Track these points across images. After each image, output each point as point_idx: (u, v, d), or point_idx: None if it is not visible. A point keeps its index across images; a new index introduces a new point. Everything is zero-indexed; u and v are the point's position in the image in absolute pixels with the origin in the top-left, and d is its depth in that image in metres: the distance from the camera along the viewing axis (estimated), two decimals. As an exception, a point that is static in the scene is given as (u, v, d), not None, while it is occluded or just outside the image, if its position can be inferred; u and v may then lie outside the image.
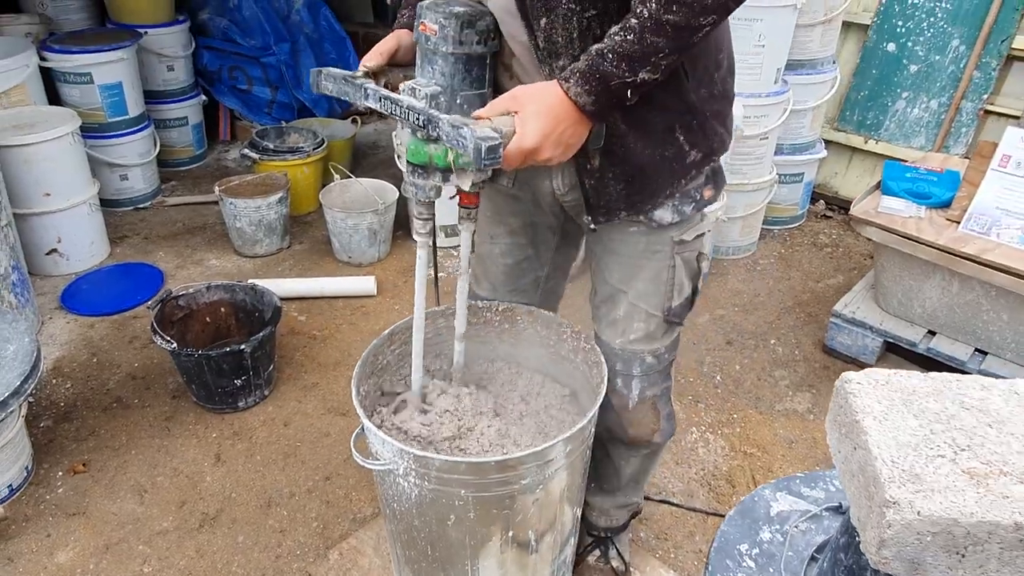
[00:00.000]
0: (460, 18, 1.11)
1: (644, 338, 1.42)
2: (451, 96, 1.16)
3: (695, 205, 1.32)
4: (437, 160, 1.14)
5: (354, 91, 1.19)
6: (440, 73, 1.14)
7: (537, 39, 1.10)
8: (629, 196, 1.26)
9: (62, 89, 3.27)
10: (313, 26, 4.21)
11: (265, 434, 2.27)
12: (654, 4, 0.99)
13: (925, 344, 2.40)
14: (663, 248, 1.35)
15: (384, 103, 1.14)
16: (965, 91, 3.22)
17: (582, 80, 1.04)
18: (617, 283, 1.40)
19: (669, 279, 1.37)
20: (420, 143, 1.14)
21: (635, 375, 1.45)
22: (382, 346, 1.57)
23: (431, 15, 1.11)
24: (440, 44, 1.11)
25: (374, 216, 3.04)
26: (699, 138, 1.24)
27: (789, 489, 1.20)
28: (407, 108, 1.10)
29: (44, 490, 2.06)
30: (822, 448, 2.26)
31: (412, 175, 1.19)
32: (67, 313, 2.79)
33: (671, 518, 2.01)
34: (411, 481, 1.35)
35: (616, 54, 1.02)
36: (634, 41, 1.01)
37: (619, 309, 1.42)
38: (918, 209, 2.35)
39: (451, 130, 1.05)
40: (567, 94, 1.06)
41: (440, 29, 1.10)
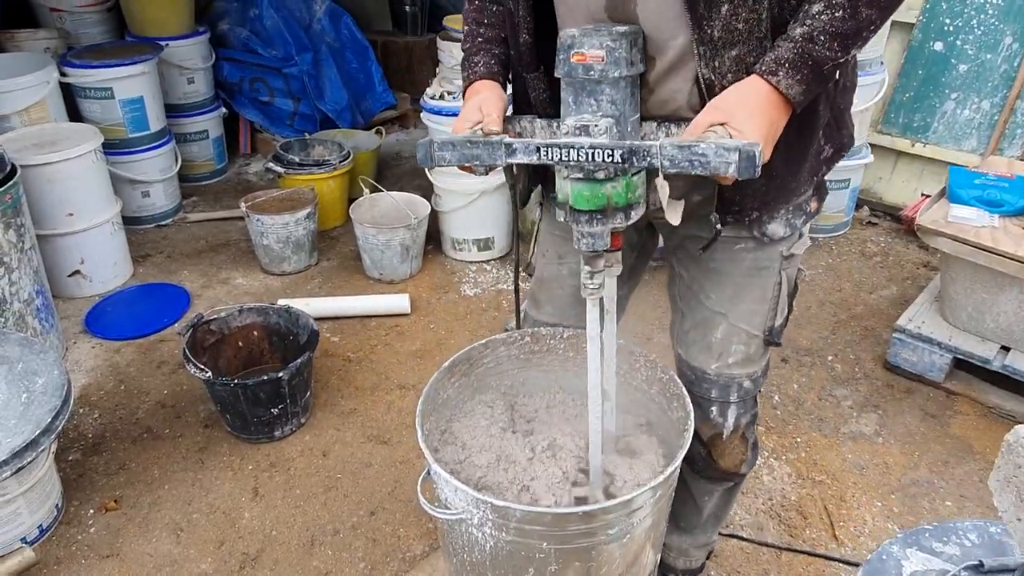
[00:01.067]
0: (628, 37, 1.01)
1: (743, 361, 1.32)
2: (623, 124, 1.04)
3: (805, 217, 1.23)
4: (617, 199, 1.01)
5: (490, 152, 1.03)
6: (609, 102, 1.02)
7: (710, 31, 0.99)
8: (766, 195, 1.15)
9: (83, 105, 3.18)
10: (335, 35, 4.11)
11: (303, 465, 2.16)
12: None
13: (1000, 361, 2.26)
14: (771, 264, 1.25)
15: (549, 153, 0.99)
16: (1020, 91, 3.08)
17: (792, 70, 0.96)
18: (716, 305, 1.29)
19: (775, 297, 1.27)
20: (595, 185, 1.00)
21: (732, 401, 1.35)
22: (443, 380, 1.45)
23: (592, 40, 1.00)
24: (610, 69, 1.00)
25: (406, 231, 2.93)
26: (833, 132, 1.17)
27: (919, 545, 1.07)
28: (589, 149, 0.95)
29: (75, 530, 1.95)
30: (895, 474, 2.12)
31: (588, 224, 1.02)
32: (92, 337, 2.69)
33: (742, 555, 1.88)
34: (486, 532, 1.23)
35: (828, 35, 0.94)
36: (846, 17, 0.94)
37: (716, 332, 1.31)
38: (991, 218, 2.22)
39: (679, 152, 0.91)
40: (777, 88, 0.97)
41: (609, 53, 1.00)
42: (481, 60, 1.22)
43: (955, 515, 2.00)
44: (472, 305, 2.91)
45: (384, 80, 4.32)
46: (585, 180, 1.00)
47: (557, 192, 1.06)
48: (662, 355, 1.43)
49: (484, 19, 1.25)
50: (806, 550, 1.89)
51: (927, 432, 2.27)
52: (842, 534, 1.94)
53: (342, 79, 4.08)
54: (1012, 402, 2.32)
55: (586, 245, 1.05)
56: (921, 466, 2.15)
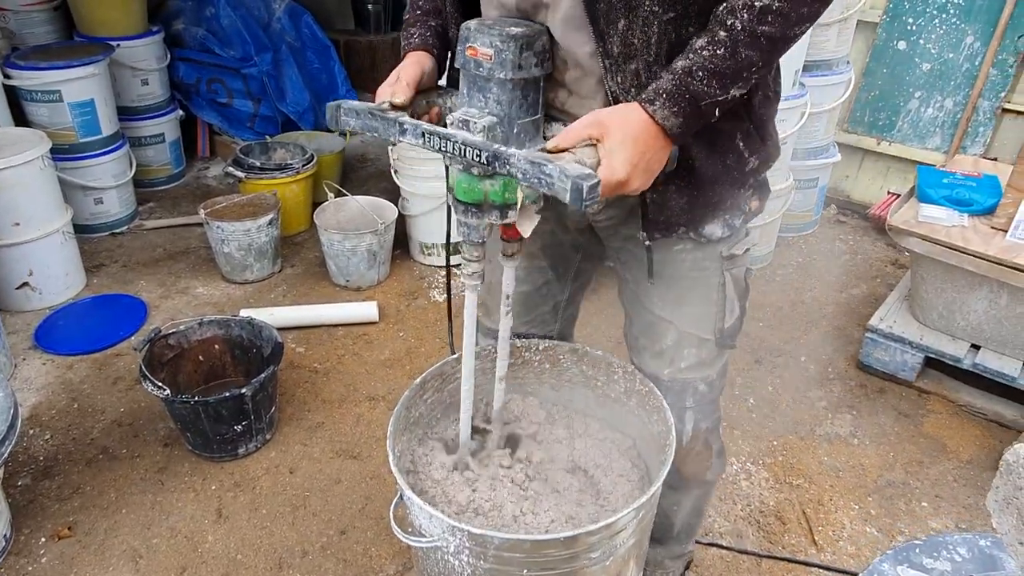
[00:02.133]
0: (519, 40, 0.99)
1: (696, 365, 1.31)
2: (508, 125, 1.03)
3: (744, 217, 1.23)
4: (494, 197, 1.03)
5: (385, 127, 1.05)
6: (495, 101, 1.02)
7: (609, 44, 0.99)
8: (691, 210, 1.15)
9: (29, 108, 3.02)
10: (295, 34, 3.99)
11: (270, 484, 2.07)
12: (746, 15, 0.92)
13: (970, 359, 2.27)
14: (711, 264, 1.24)
15: (430, 139, 1.01)
16: (981, 89, 3.12)
17: (669, 102, 0.95)
18: (661, 310, 1.28)
19: (720, 298, 1.26)
20: (473, 180, 1.02)
21: (688, 407, 1.34)
22: (414, 397, 1.39)
23: (484, 38, 0.98)
24: (496, 70, 0.99)
25: (373, 237, 2.85)
26: (757, 144, 1.15)
27: (910, 561, 1.04)
28: (463, 144, 0.97)
29: (26, 560, 1.84)
30: (871, 476, 2.12)
31: (464, 215, 1.06)
32: (42, 353, 2.56)
33: (722, 563, 1.85)
34: (463, 559, 1.17)
35: (706, 71, 0.94)
36: (726, 56, 0.93)
37: (666, 337, 1.30)
38: (960, 217, 2.22)
39: (530, 168, 0.91)
40: (653, 118, 0.96)
41: (496, 54, 0.98)
42: (417, 31, 1.21)
43: (931, 516, 2.00)
44: (442, 311, 2.84)
45: (347, 80, 4.22)
46: (464, 172, 1.02)
47: (447, 178, 1.09)
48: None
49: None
50: (786, 557, 1.87)
51: (901, 432, 2.27)
52: (821, 539, 1.93)
53: (304, 79, 3.98)
54: (983, 400, 2.33)
55: (462, 234, 1.09)
56: (896, 467, 2.15)
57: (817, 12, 0.94)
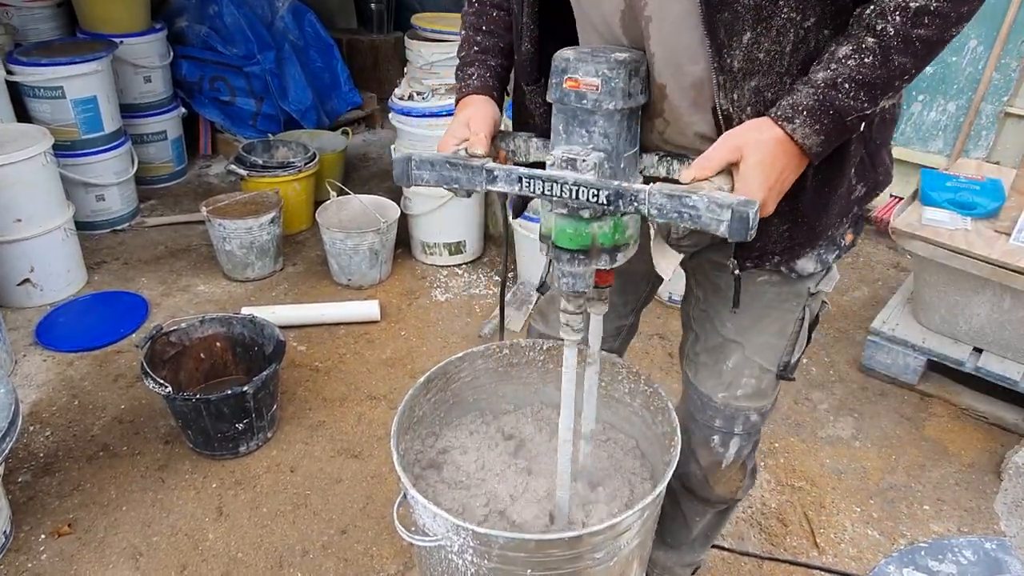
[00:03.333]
0: (628, 66, 0.91)
1: (753, 395, 1.24)
2: (615, 160, 0.95)
3: (838, 252, 1.14)
4: (603, 240, 0.94)
5: (470, 176, 0.95)
6: (601, 135, 0.93)
7: (728, 59, 0.90)
8: (791, 238, 1.06)
9: (31, 105, 3.02)
10: (298, 33, 3.99)
11: (270, 482, 2.07)
12: (899, 18, 0.84)
13: (973, 362, 2.27)
14: (796, 300, 1.17)
15: (531, 184, 0.91)
16: (984, 93, 3.12)
17: (811, 119, 0.87)
18: (731, 334, 1.21)
19: (795, 332, 1.19)
20: (581, 224, 0.92)
21: (736, 433, 1.28)
22: (418, 396, 1.39)
23: (587, 67, 0.90)
24: (604, 100, 0.91)
25: (375, 236, 2.85)
26: (867, 170, 1.07)
27: (916, 564, 1.04)
28: (573, 186, 0.88)
29: (25, 557, 1.83)
30: (873, 479, 2.11)
31: (570, 263, 0.95)
32: (43, 349, 2.55)
33: (724, 565, 1.85)
34: (467, 559, 1.16)
35: (854, 83, 0.85)
36: (876, 65, 0.85)
37: (729, 360, 1.23)
38: (964, 220, 2.22)
39: (669, 202, 0.84)
40: (792, 137, 0.88)
41: (604, 82, 0.90)
42: (476, 72, 1.13)
43: (933, 519, 1.99)
44: (444, 311, 2.84)
45: (350, 79, 4.22)
46: (569, 217, 0.92)
47: (541, 224, 0.98)
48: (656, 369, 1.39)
49: (483, 25, 1.16)
50: (787, 559, 1.87)
51: (903, 435, 2.27)
52: (823, 541, 1.92)
53: (306, 78, 3.97)
54: (985, 404, 2.33)
55: (566, 285, 0.98)
56: (898, 469, 2.15)
57: (975, 9, 0.85)
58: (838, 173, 1.02)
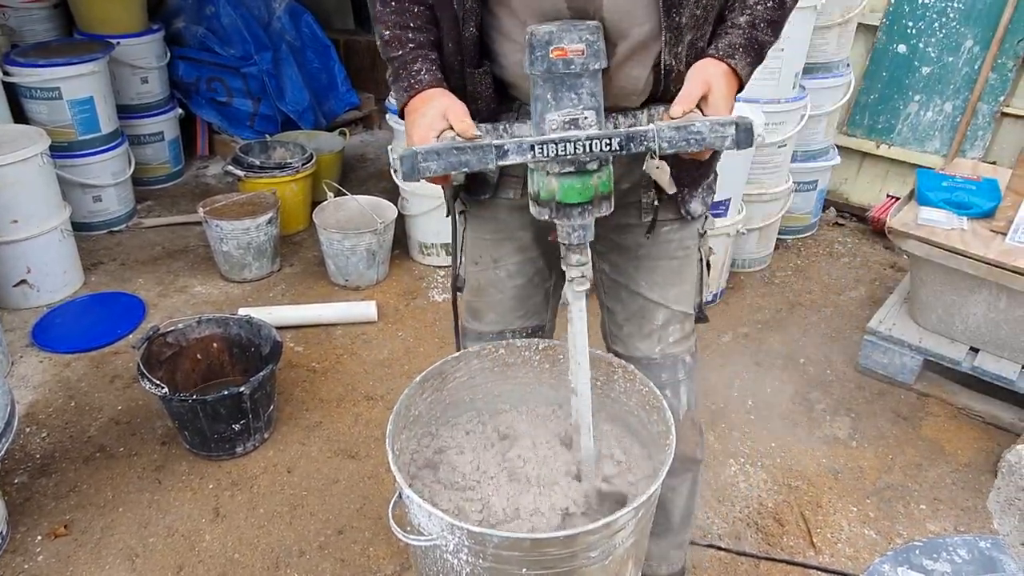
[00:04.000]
0: (599, 31, 1.03)
1: (681, 339, 1.39)
2: (600, 115, 1.05)
3: (711, 196, 1.31)
4: (603, 188, 1.04)
5: (480, 156, 1.00)
6: (589, 94, 1.02)
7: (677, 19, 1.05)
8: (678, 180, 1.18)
9: (28, 106, 3.02)
10: (295, 33, 3.99)
11: (267, 483, 2.07)
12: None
13: (969, 362, 2.27)
14: (692, 243, 1.32)
15: (545, 149, 0.98)
16: (981, 93, 3.13)
17: (744, 54, 1.07)
18: (650, 293, 1.33)
19: (699, 274, 1.35)
20: (585, 177, 1.02)
21: (681, 379, 1.40)
22: (414, 396, 1.39)
23: (572, 35, 1.00)
24: (591, 62, 1.01)
25: (372, 236, 2.85)
26: None
27: (910, 563, 1.04)
28: (586, 141, 0.98)
29: (22, 558, 1.83)
30: (870, 478, 2.11)
31: (579, 216, 1.04)
32: (40, 351, 2.55)
33: (720, 565, 1.85)
34: (463, 558, 1.17)
35: (765, 21, 1.08)
36: (776, 6, 1.08)
37: (656, 318, 1.35)
38: (960, 220, 2.23)
39: (676, 133, 0.97)
40: (735, 69, 1.06)
41: (588, 46, 1.01)
42: (423, 67, 1.14)
43: (929, 518, 2.00)
44: (441, 311, 2.84)
45: (347, 80, 4.22)
46: (577, 173, 1.01)
47: (538, 191, 1.06)
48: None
49: (409, 22, 1.17)
50: (784, 559, 1.87)
51: (899, 435, 2.27)
52: (819, 541, 1.92)
53: (303, 79, 3.97)
54: (981, 403, 2.33)
55: (578, 238, 1.07)
56: (895, 469, 2.15)
57: None
58: None
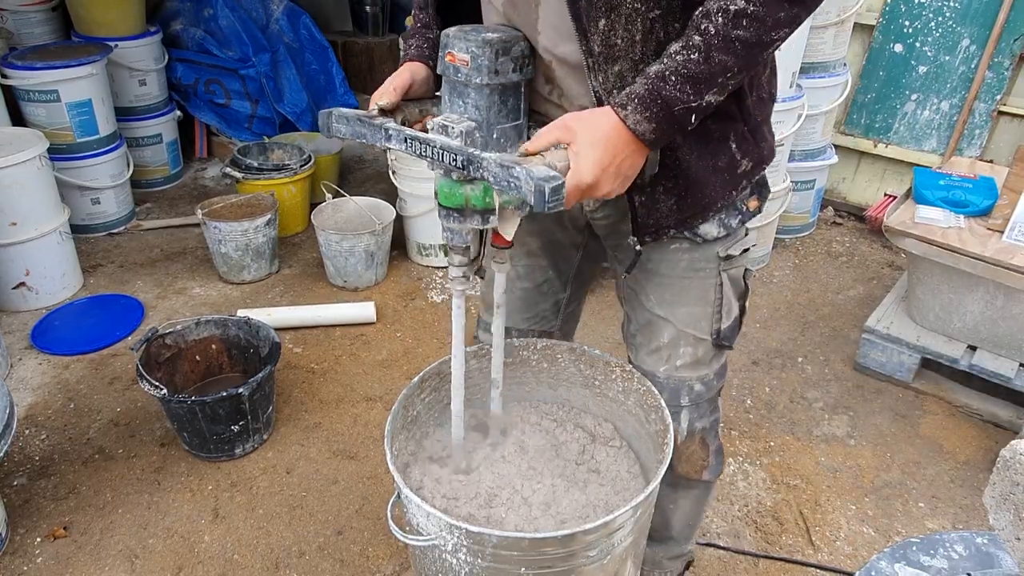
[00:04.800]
0: (494, 45, 1.00)
1: (692, 364, 1.31)
2: (487, 130, 1.05)
3: (740, 218, 1.21)
4: (475, 202, 1.02)
5: (372, 133, 1.06)
6: (474, 107, 1.03)
7: (592, 44, 0.98)
8: (680, 211, 1.15)
9: (26, 108, 3.02)
10: (293, 35, 3.99)
11: (266, 484, 2.07)
12: (721, 19, 0.90)
13: (967, 360, 2.27)
14: (708, 265, 1.24)
15: (411, 144, 1.01)
16: (977, 92, 3.13)
17: (641, 107, 0.94)
18: (657, 308, 1.28)
19: (717, 299, 1.26)
20: (455, 184, 1.01)
21: (683, 405, 1.34)
22: (412, 396, 1.39)
23: (461, 44, 1.00)
24: (473, 75, 1.00)
25: (371, 237, 2.85)
26: (750, 146, 1.15)
27: (907, 559, 1.04)
28: (440, 149, 0.98)
29: (21, 560, 1.83)
30: (868, 477, 2.12)
31: (447, 219, 1.05)
32: (39, 353, 2.55)
33: (719, 563, 1.85)
34: (461, 558, 1.17)
35: (680, 76, 0.92)
36: (699, 61, 0.91)
37: (662, 335, 1.30)
38: (957, 219, 2.23)
39: (500, 171, 0.92)
40: (624, 122, 0.95)
41: (472, 59, 0.99)
42: (414, 43, 1.22)
43: (928, 516, 2.00)
44: (440, 312, 2.84)
45: (345, 82, 4.22)
46: (445, 177, 1.01)
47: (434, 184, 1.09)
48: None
49: (422, 2, 1.24)
50: (783, 557, 1.87)
51: (898, 433, 2.28)
52: (818, 539, 1.93)
53: (301, 81, 3.98)
54: (979, 401, 2.34)
55: (447, 238, 1.09)
56: (893, 467, 2.15)
57: (796, 17, 0.92)
58: (718, 150, 1.09)
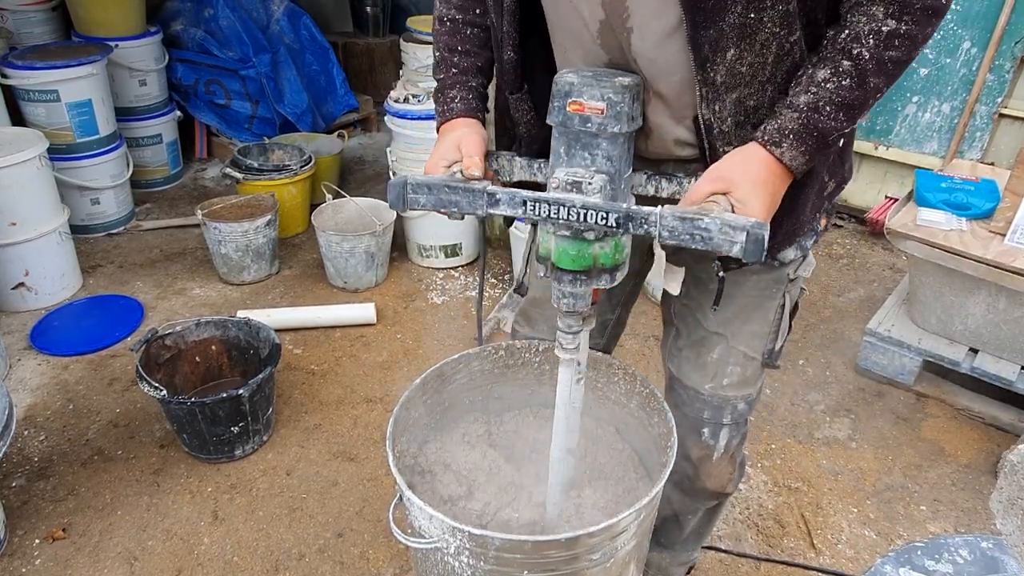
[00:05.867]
0: (631, 91, 0.93)
1: (739, 383, 1.26)
2: (617, 182, 0.97)
3: (815, 238, 1.18)
4: (604, 260, 0.95)
5: (470, 200, 0.96)
6: (605, 158, 0.95)
7: (711, 74, 0.93)
8: (772, 238, 1.08)
9: (26, 108, 3.01)
10: (294, 36, 3.99)
11: (266, 485, 2.06)
12: (873, 41, 0.88)
13: (969, 363, 2.27)
14: (777, 287, 1.19)
15: (536, 208, 0.91)
16: (979, 95, 3.13)
17: (797, 142, 0.92)
18: (715, 326, 1.23)
19: (777, 319, 1.21)
20: (584, 245, 0.94)
21: (725, 423, 1.30)
22: (414, 398, 1.38)
23: (594, 91, 0.92)
24: (610, 124, 0.93)
25: (371, 238, 2.84)
26: (836, 167, 1.12)
27: (912, 563, 1.04)
28: (581, 209, 0.89)
29: (20, 562, 1.82)
30: (870, 479, 2.11)
31: (571, 284, 0.97)
32: (38, 353, 2.54)
33: (721, 567, 1.85)
34: (463, 561, 1.16)
35: (834, 105, 0.90)
36: (853, 87, 0.89)
37: (713, 352, 1.25)
38: (959, 221, 2.23)
39: (681, 224, 0.85)
40: (780, 160, 0.93)
41: (610, 107, 0.92)
42: (458, 95, 1.13)
43: (930, 519, 1.99)
44: (440, 313, 2.84)
45: (346, 82, 4.22)
46: (572, 239, 0.93)
47: (539, 245, 0.99)
48: (638, 361, 1.38)
49: (458, 45, 1.16)
50: (785, 560, 1.87)
51: (899, 436, 2.27)
52: (820, 542, 1.92)
53: (302, 81, 3.97)
54: (981, 404, 2.33)
55: (566, 305, 0.99)
56: (895, 470, 2.15)
57: (937, 28, 0.91)
58: (812, 175, 1.05)
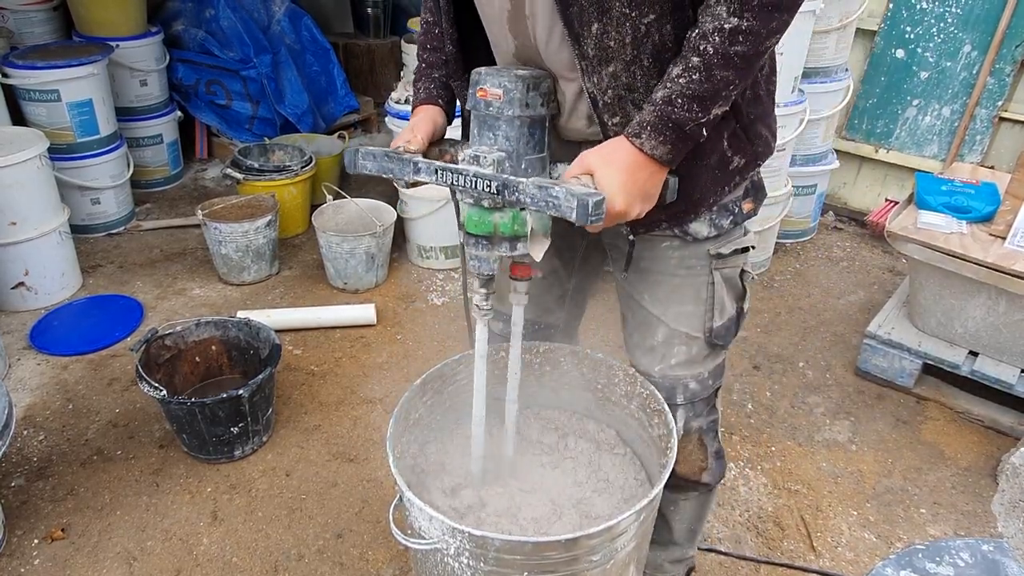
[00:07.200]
0: (525, 80, 1.08)
1: (686, 362, 1.32)
2: (516, 161, 1.10)
3: (733, 219, 1.22)
4: (503, 229, 1.07)
5: (401, 167, 1.12)
6: (504, 138, 1.09)
7: (585, 48, 1.03)
8: (673, 205, 1.15)
9: (27, 108, 3.01)
10: (295, 37, 3.99)
11: (266, 486, 2.06)
12: (718, 38, 0.95)
13: (968, 366, 2.27)
14: (699, 263, 1.25)
15: (443, 175, 1.08)
16: (979, 98, 3.14)
17: (655, 133, 1.00)
18: (651, 306, 1.30)
19: (709, 297, 1.27)
20: (484, 212, 1.07)
21: (679, 403, 1.34)
22: (414, 398, 1.38)
23: (493, 80, 1.07)
24: (505, 108, 1.07)
25: (372, 239, 2.84)
26: (743, 143, 1.16)
27: (913, 566, 1.04)
28: (474, 177, 1.04)
29: (18, 562, 1.82)
30: (870, 482, 2.11)
31: (475, 247, 1.10)
32: (37, 353, 2.54)
33: (721, 569, 1.85)
34: (463, 562, 1.16)
35: (685, 97, 0.98)
36: (701, 80, 0.97)
37: (657, 334, 1.31)
38: (959, 224, 2.23)
39: (538, 192, 0.98)
40: (641, 150, 1.01)
41: (505, 93, 1.06)
42: (422, 85, 1.30)
43: (930, 522, 1.99)
44: (440, 314, 2.84)
45: (346, 83, 4.22)
46: (475, 206, 1.07)
47: (458, 214, 1.14)
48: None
49: (428, 43, 1.31)
50: (784, 563, 1.86)
51: (899, 438, 2.27)
52: (819, 545, 1.92)
53: (303, 82, 3.97)
54: (980, 407, 2.33)
55: (474, 267, 1.13)
56: (894, 473, 2.15)
57: (786, 24, 0.96)
58: (708, 148, 1.11)
